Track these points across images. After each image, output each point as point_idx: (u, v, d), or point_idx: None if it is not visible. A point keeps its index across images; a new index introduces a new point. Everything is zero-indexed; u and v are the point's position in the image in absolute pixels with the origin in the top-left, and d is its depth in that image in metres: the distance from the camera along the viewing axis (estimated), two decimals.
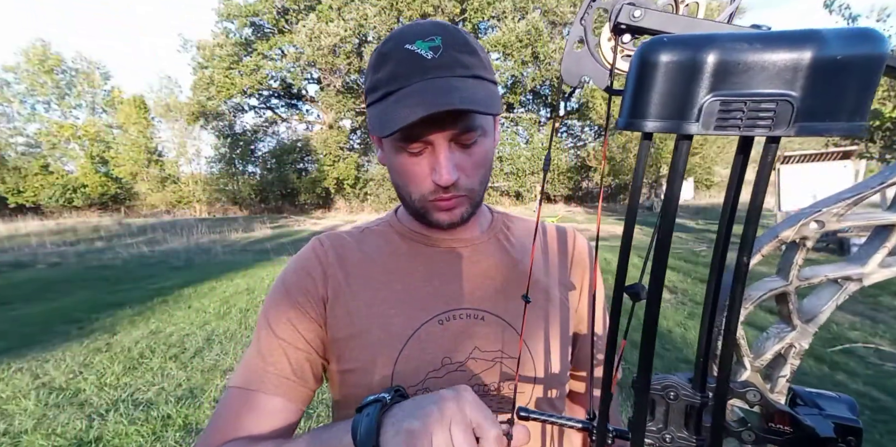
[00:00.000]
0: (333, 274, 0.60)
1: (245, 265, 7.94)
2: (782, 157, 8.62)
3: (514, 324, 0.59)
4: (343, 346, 0.58)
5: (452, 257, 0.63)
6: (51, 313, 5.09)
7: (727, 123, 0.22)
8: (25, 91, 26.66)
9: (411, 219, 0.65)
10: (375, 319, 0.57)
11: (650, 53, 0.22)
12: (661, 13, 0.34)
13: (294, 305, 0.59)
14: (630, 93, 0.24)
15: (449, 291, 0.60)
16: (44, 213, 24.26)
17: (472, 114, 0.52)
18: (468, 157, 0.55)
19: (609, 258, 7.16)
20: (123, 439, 2.38)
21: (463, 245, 0.64)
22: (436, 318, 0.58)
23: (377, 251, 0.63)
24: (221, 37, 23.16)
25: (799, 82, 0.21)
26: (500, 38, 20.28)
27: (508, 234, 0.68)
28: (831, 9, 6.45)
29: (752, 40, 0.21)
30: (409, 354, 0.56)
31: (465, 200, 0.57)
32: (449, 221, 0.58)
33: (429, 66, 0.51)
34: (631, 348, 3.49)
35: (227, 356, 3.52)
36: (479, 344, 0.58)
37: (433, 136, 0.52)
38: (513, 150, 23.71)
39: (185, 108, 25.02)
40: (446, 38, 0.53)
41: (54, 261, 9.41)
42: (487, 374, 0.57)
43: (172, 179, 27.68)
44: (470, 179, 0.56)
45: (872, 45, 0.21)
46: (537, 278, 0.64)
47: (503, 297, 0.61)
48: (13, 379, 3.22)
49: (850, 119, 0.22)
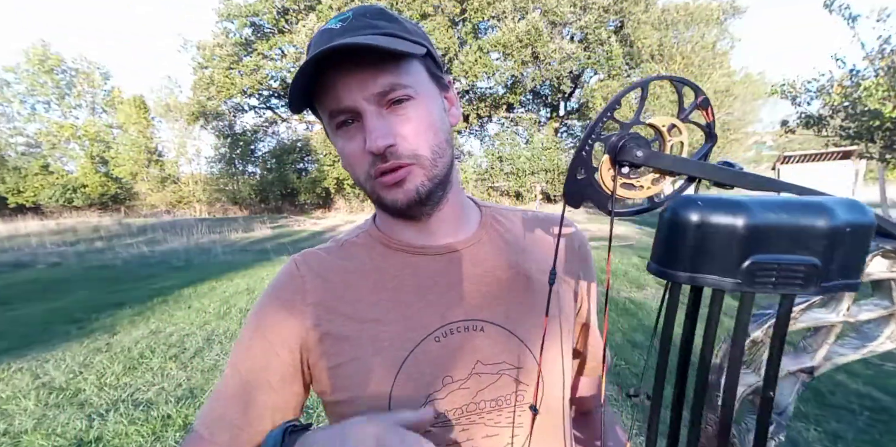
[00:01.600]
0: (314, 301, 0.55)
1: (245, 265, 7.94)
2: (782, 157, 8.62)
3: (515, 331, 0.56)
4: (333, 376, 0.54)
5: (443, 265, 0.57)
6: (51, 313, 5.09)
7: (761, 281, 0.25)
8: (25, 91, 26.67)
9: (390, 223, 0.60)
10: (366, 344, 0.53)
11: (686, 214, 0.25)
12: (663, 155, 0.38)
13: (265, 344, 0.55)
14: (662, 244, 0.27)
15: (443, 304, 0.55)
16: (44, 213, 24.24)
17: (395, 72, 0.49)
18: (404, 121, 0.50)
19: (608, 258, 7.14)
20: (123, 439, 2.38)
21: (453, 250, 0.58)
22: (432, 336, 0.53)
23: (361, 267, 0.58)
24: (221, 37, 23.16)
25: (819, 248, 0.25)
26: (500, 38, 20.27)
27: (501, 230, 0.63)
28: (831, 9, 6.45)
29: (776, 209, 0.25)
30: (405, 379, 0.52)
31: (414, 170, 0.51)
32: (405, 199, 0.51)
33: (336, 34, 0.49)
34: (631, 348, 3.48)
35: (226, 356, 3.52)
36: (482, 357, 0.54)
37: (354, 99, 0.48)
38: (513, 149, 23.71)
39: (185, 108, 25.01)
40: (358, 10, 0.52)
41: (54, 261, 9.41)
42: (492, 389, 0.54)
43: (172, 179, 27.68)
44: (410, 144, 0.50)
45: (866, 215, 0.25)
46: (536, 277, 0.59)
47: (502, 303, 0.57)
48: (13, 379, 3.22)
49: (855, 277, 0.26)
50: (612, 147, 0.38)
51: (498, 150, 24.02)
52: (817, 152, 8.36)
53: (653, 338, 0.34)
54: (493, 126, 26.63)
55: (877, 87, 6.14)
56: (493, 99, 23.52)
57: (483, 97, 23.49)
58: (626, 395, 0.31)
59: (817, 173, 8.23)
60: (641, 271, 6.23)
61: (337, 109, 0.50)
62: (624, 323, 4.03)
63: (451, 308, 0.55)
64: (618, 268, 6.37)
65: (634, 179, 0.40)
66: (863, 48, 6.53)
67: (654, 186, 0.40)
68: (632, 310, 4.42)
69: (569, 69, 21.57)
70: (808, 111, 7.73)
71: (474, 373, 0.53)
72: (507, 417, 0.54)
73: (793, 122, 8.17)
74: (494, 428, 0.53)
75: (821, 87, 7.27)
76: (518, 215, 0.67)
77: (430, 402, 0.52)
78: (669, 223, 0.26)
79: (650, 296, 4.98)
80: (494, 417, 0.53)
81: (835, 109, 7.28)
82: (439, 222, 0.58)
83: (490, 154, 24.22)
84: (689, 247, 0.25)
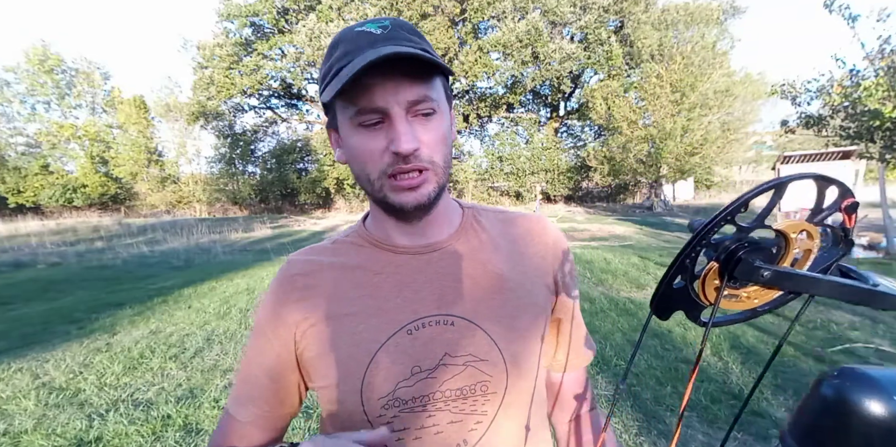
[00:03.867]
0: (303, 297, 0.61)
1: (245, 265, 7.94)
2: (782, 157, 8.61)
3: (483, 326, 0.60)
4: (315, 365, 0.59)
5: (421, 264, 0.62)
6: (51, 313, 5.09)
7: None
8: (25, 91, 26.67)
9: (382, 224, 0.63)
10: (344, 336, 0.58)
11: (863, 401, 0.19)
12: (798, 275, 0.31)
13: (266, 341, 0.62)
14: (810, 422, 0.21)
15: (418, 300, 0.60)
16: (44, 213, 24.26)
17: (427, 84, 0.53)
18: (428, 130, 0.54)
19: (609, 258, 7.17)
20: (123, 439, 2.38)
21: (432, 250, 0.63)
22: (404, 329, 0.58)
23: (348, 265, 0.63)
24: (221, 37, 23.16)
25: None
26: (500, 38, 20.27)
27: (479, 230, 0.67)
28: (831, 9, 6.45)
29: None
30: (377, 367, 0.57)
31: (429, 176, 0.55)
32: (415, 203, 0.55)
33: (378, 38, 0.52)
34: (632, 349, 3.48)
35: (227, 356, 3.52)
36: (449, 349, 0.58)
37: (388, 102, 0.51)
38: (513, 150, 23.70)
39: (185, 108, 25.01)
40: (395, 21, 0.55)
41: (54, 261, 9.41)
42: (458, 379, 0.58)
43: (172, 179, 27.68)
44: (431, 152, 0.54)
45: None
46: (508, 276, 0.63)
47: (473, 300, 0.61)
48: (13, 379, 3.22)
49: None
50: (727, 257, 0.32)
51: (498, 150, 24.01)
52: (817, 152, 8.35)
53: None
54: (493, 126, 26.65)
55: (877, 87, 6.13)
56: (493, 99, 23.51)
57: (483, 97, 23.48)
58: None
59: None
60: (641, 271, 6.23)
61: (368, 108, 0.52)
62: (624, 323, 4.03)
63: (425, 304, 0.60)
64: (618, 268, 6.36)
65: (739, 290, 0.34)
66: (863, 48, 6.53)
67: (759, 297, 0.35)
68: (632, 310, 4.42)
69: (569, 69, 21.56)
70: (808, 111, 7.73)
71: (441, 363, 0.58)
72: (472, 405, 0.59)
73: (793, 122, 8.17)
74: (459, 415, 0.58)
75: (821, 87, 7.27)
76: (497, 215, 0.71)
77: (398, 390, 0.57)
78: (833, 404, 0.20)
79: (650, 296, 4.98)
80: (459, 405, 0.58)
81: (835, 109, 7.27)
82: (427, 224, 0.62)
83: (490, 154, 24.21)
84: (851, 442, 0.19)
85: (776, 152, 18.47)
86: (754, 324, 3.88)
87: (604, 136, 22.20)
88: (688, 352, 3.33)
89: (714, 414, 2.47)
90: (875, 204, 8.51)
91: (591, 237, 10.96)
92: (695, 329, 3.78)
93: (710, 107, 17.44)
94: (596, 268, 6.37)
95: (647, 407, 2.58)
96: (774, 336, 3.61)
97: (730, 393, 2.69)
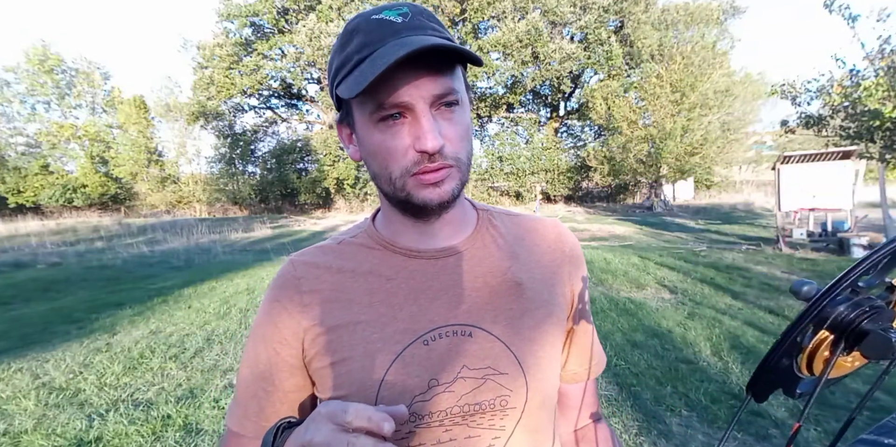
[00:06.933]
0: (309, 302, 0.57)
1: (245, 265, 7.94)
2: (782, 157, 8.60)
3: (502, 337, 0.57)
4: (325, 375, 0.56)
5: (438, 269, 0.59)
6: (51, 313, 5.09)
7: None
8: (25, 91, 26.67)
9: (394, 224, 0.60)
10: (357, 345, 0.55)
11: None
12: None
13: (269, 347, 0.58)
14: None
15: (434, 308, 0.57)
16: (44, 213, 24.25)
17: (452, 76, 0.50)
18: (452, 126, 0.51)
19: (609, 258, 7.17)
20: (123, 439, 2.38)
21: (447, 254, 0.59)
22: (420, 339, 0.55)
23: (357, 268, 0.59)
24: (221, 37, 23.16)
25: None
26: (500, 38, 20.27)
27: (495, 235, 0.63)
28: (831, 9, 6.45)
29: None
30: (392, 379, 0.53)
31: (454, 172, 0.52)
32: (438, 200, 0.52)
33: (400, 28, 0.49)
34: (631, 348, 3.48)
35: (227, 356, 3.52)
36: (468, 362, 0.55)
37: (413, 96, 0.48)
38: (513, 150, 23.70)
39: (185, 108, 25.02)
40: (413, 8, 0.52)
41: (54, 261, 9.41)
42: (477, 393, 0.55)
43: (172, 179, 27.68)
44: (455, 149, 0.52)
45: None
46: (526, 284, 0.60)
47: (491, 309, 0.58)
48: (13, 379, 3.22)
49: None
50: (845, 324, 0.26)
51: (498, 150, 24.01)
52: (817, 152, 8.34)
53: None
54: (493, 126, 26.65)
55: (877, 87, 6.14)
56: (493, 99, 23.52)
57: (483, 97, 23.48)
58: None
59: (817, 173, 8.22)
60: (641, 271, 6.23)
61: (391, 103, 0.49)
62: (624, 323, 4.02)
63: (442, 312, 0.57)
64: (617, 268, 6.36)
65: (847, 356, 0.29)
66: (863, 48, 6.53)
67: (861, 360, 0.30)
68: (632, 310, 4.42)
69: (569, 69, 21.56)
70: (808, 111, 7.74)
71: (459, 377, 0.55)
72: (490, 420, 0.56)
73: (793, 122, 8.17)
74: (477, 429, 0.55)
75: (821, 87, 7.27)
76: (512, 219, 0.68)
77: (414, 404, 0.53)
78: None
79: (650, 297, 4.98)
80: (477, 419, 0.55)
81: (835, 109, 7.28)
82: (442, 225, 0.59)
83: (490, 154, 24.21)
84: None
85: (776, 152, 18.46)
86: (754, 324, 3.88)
87: (604, 136, 22.22)
88: (688, 353, 3.33)
89: (714, 414, 2.47)
90: (875, 204, 8.51)
91: (591, 237, 10.96)
92: (695, 329, 3.78)
93: (710, 107, 17.46)
94: (596, 268, 6.36)
95: (647, 407, 2.58)
96: (774, 336, 3.61)
97: (730, 393, 2.69)
